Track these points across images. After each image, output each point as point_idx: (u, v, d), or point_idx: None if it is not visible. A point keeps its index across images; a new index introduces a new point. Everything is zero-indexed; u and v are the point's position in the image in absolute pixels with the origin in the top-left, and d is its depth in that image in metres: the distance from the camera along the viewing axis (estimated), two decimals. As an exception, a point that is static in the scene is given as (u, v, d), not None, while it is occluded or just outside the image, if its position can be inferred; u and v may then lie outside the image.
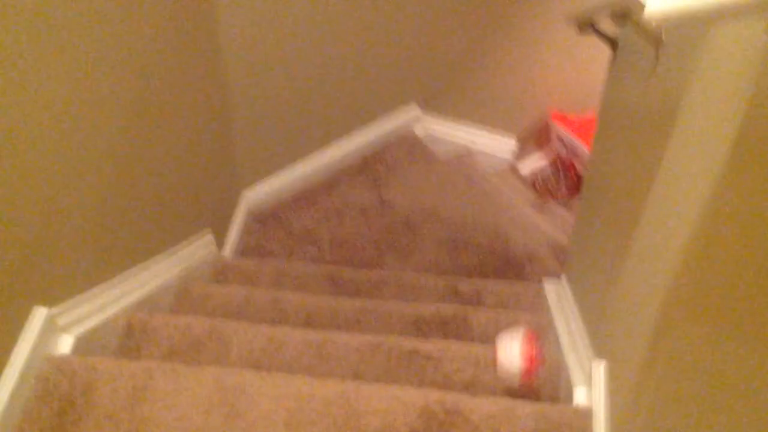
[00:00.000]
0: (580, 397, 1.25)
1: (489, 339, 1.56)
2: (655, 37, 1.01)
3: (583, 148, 2.62)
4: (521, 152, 3.05)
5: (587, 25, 1.45)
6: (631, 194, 1.13)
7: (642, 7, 0.84)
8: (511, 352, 1.34)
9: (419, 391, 1.19)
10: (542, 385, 1.39)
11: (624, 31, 1.34)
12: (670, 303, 0.88)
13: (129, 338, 1.43)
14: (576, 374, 1.31)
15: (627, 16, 1.16)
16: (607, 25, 1.39)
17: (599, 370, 1.18)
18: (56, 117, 1.15)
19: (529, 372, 1.33)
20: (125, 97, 1.41)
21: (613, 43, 1.40)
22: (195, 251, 1.90)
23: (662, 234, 0.93)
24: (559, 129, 2.78)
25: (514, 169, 3.06)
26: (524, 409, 1.16)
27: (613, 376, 1.14)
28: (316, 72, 2.42)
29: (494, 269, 2.33)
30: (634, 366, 1.01)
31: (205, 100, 1.94)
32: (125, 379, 1.19)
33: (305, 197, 2.62)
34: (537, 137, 2.99)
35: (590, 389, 1.21)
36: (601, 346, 1.24)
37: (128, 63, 1.41)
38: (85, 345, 1.28)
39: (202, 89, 1.91)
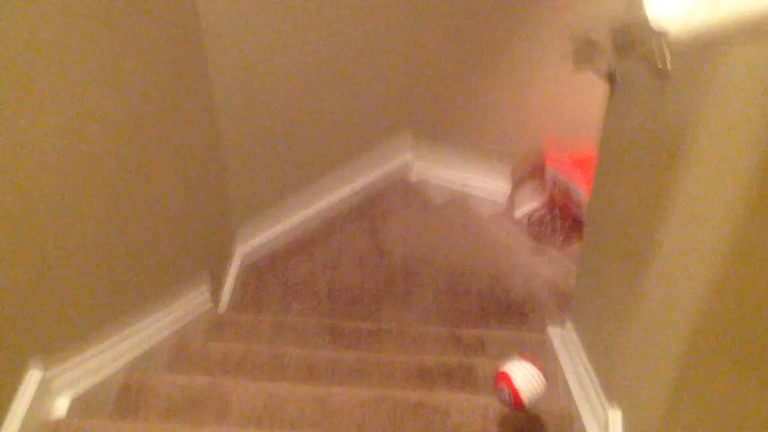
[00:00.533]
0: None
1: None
2: (662, 67, 1.01)
3: (578, 191, 2.63)
4: (515, 194, 3.05)
5: (586, 61, 1.44)
6: (641, 230, 1.10)
7: (653, 33, 0.83)
8: (527, 372, 1.26)
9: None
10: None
11: (624, 64, 1.33)
12: (694, 344, 0.85)
13: (126, 398, 1.37)
14: (589, 422, 1.27)
15: (630, 47, 1.15)
16: (604, 61, 1.39)
17: (616, 418, 1.15)
18: (49, 172, 1.13)
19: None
20: (119, 152, 1.39)
21: (611, 77, 1.39)
22: (190, 306, 1.85)
23: (684, 270, 0.91)
24: (553, 172, 2.80)
25: (508, 213, 3.06)
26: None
27: (631, 423, 1.10)
28: (309, 114, 2.44)
29: (495, 315, 2.30)
30: (655, 411, 0.97)
31: (199, 147, 1.93)
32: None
33: (300, 245, 2.59)
34: (531, 178, 2.99)
35: (606, 438, 1.17)
36: (614, 393, 1.20)
37: (122, 114, 1.40)
38: (80, 407, 1.23)
39: (196, 137, 1.90)
